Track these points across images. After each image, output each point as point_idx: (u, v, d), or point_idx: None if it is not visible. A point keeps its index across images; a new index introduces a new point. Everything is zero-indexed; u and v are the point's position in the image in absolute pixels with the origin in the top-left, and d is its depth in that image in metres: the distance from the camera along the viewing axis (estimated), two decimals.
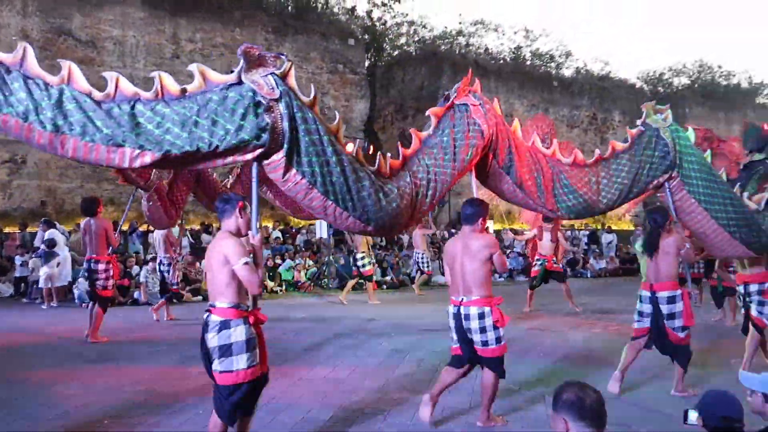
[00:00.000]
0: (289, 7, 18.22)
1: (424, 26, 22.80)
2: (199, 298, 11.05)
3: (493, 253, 4.10)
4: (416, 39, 22.77)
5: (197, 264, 11.72)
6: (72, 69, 3.10)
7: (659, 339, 4.95)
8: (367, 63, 20.44)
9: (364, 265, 10.72)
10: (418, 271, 12.31)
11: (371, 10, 21.83)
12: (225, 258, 3.23)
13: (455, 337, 4.26)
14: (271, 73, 3.36)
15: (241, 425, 3.46)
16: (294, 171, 3.46)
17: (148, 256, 12.03)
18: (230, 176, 8.67)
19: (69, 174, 14.29)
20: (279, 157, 3.41)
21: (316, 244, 14.66)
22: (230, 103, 3.24)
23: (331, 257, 13.49)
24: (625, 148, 5.02)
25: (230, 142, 3.24)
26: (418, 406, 4.27)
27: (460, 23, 23.17)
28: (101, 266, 7.20)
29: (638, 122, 5.16)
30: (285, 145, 3.39)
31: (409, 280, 13.64)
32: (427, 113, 4.41)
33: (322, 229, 13.54)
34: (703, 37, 48.65)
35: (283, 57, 3.46)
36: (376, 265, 12.87)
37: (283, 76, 3.41)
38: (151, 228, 13.64)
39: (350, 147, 3.87)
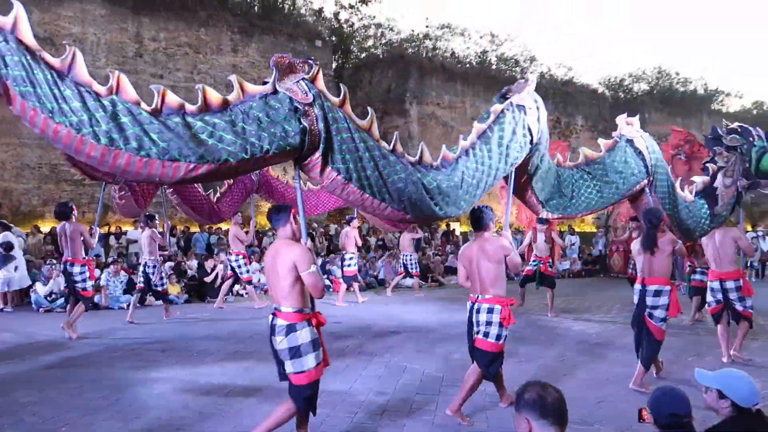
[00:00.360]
0: (256, 8, 18.05)
1: (391, 29, 22.94)
2: (159, 302, 10.79)
3: (507, 254, 4.33)
4: (383, 42, 22.86)
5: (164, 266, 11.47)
6: (121, 79, 3.01)
7: (637, 327, 5.23)
8: (334, 65, 20.41)
9: (349, 265, 10.71)
10: (400, 274, 12.36)
11: (338, 12, 21.85)
12: (293, 264, 3.44)
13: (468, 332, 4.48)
14: (302, 79, 3.47)
15: (302, 426, 3.74)
16: (329, 169, 3.62)
17: (109, 259, 11.73)
18: (219, 185, 8.77)
19: (25, 175, 13.84)
20: (316, 156, 3.56)
21: None
22: (271, 110, 3.35)
23: None
24: (597, 156, 5.30)
25: (279, 145, 3.34)
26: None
27: (427, 27, 23.43)
28: (77, 269, 7.36)
29: (614, 134, 5.46)
30: (321, 146, 3.53)
31: (376, 283, 13.67)
32: (490, 109, 4.48)
33: None
34: (675, 39, 50.36)
35: (311, 62, 3.57)
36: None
37: (312, 80, 3.52)
38: (112, 230, 13.40)
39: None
